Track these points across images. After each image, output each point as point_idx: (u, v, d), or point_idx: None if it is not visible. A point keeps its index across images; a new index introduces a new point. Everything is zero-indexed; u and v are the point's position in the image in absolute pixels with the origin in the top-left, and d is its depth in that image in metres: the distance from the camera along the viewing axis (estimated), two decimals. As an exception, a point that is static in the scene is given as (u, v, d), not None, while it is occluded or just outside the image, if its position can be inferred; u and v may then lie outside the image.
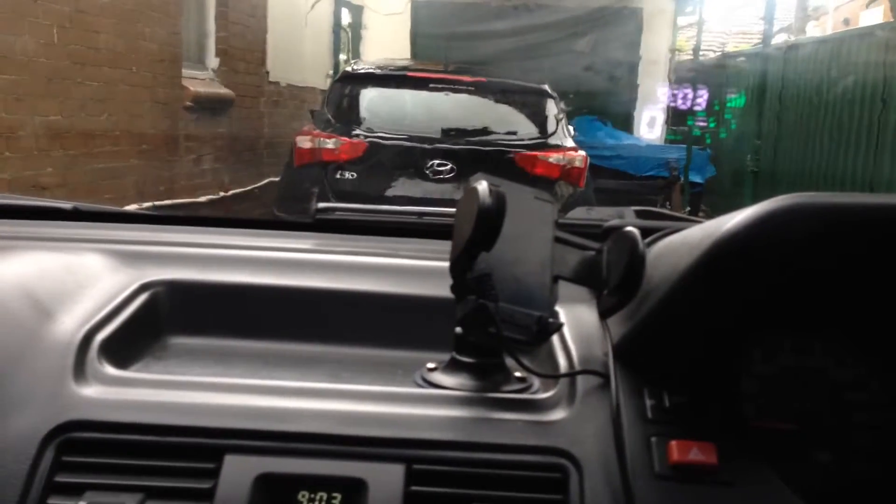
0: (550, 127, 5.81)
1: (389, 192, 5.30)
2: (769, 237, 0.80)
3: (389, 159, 5.38)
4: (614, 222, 1.16)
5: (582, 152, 5.74)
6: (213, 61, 7.29)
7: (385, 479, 0.83)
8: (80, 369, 0.90)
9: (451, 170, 5.29)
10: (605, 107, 9.37)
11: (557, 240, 0.98)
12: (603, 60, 9.44)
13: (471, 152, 5.38)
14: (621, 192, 7.42)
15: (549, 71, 7.12)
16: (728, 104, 9.32)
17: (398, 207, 1.54)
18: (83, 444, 0.83)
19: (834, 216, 0.80)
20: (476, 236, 0.86)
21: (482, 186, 0.87)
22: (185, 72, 6.56)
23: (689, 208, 8.31)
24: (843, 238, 0.82)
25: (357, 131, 5.52)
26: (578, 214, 1.41)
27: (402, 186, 5.35)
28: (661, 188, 8.21)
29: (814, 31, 15.32)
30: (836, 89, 7.74)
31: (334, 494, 0.82)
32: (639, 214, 1.34)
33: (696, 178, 8.80)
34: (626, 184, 7.92)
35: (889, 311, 0.94)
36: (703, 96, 8.90)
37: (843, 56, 7.83)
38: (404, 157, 5.38)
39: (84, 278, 1.08)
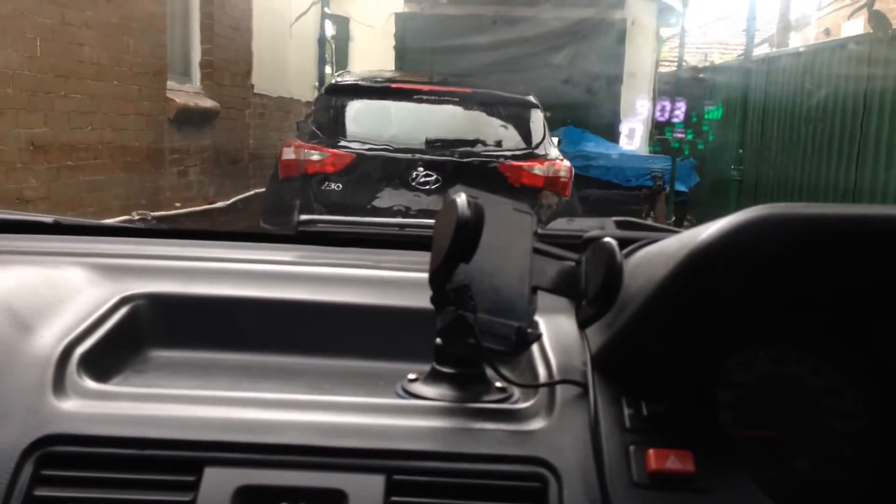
0: (536, 137, 5.84)
1: (375, 204, 5.31)
2: (743, 248, 0.81)
3: (375, 171, 5.39)
4: (593, 233, 1.17)
5: (567, 162, 5.77)
6: (198, 74, 7.28)
7: (365, 489, 0.83)
8: (59, 383, 0.90)
9: (437, 181, 5.30)
10: (588, 118, 9.42)
11: (536, 251, 0.99)
12: (586, 72, 9.50)
13: (456, 163, 5.39)
14: (606, 202, 7.46)
15: (531, 83, 7.16)
16: (706, 116, 9.41)
17: (380, 219, 1.54)
18: (62, 458, 0.83)
19: (807, 226, 0.81)
20: (455, 248, 0.87)
21: (461, 198, 0.88)
22: (170, 84, 6.54)
23: (674, 218, 8.35)
24: (817, 248, 0.83)
25: (343, 143, 5.53)
26: (559, 225, 1.42)
27: (388, 198, 5.35)
28: (646, 198, 8.26)
29: (795, 42, 15.45)
30: (817, 99, 7.82)
31: None
32: (619, 225, 1.34)
33: (681, 188, 8.85)
34: (611, 194, 7.96)
35: (863, 320, 0.95)
36: (681, 108, 8.98)
37: (822, 67, 7.91)
38: (390, 168, 5.39)
39: (64, 292, 1.08)
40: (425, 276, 0.93)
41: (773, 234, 0.80)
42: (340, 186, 5.36)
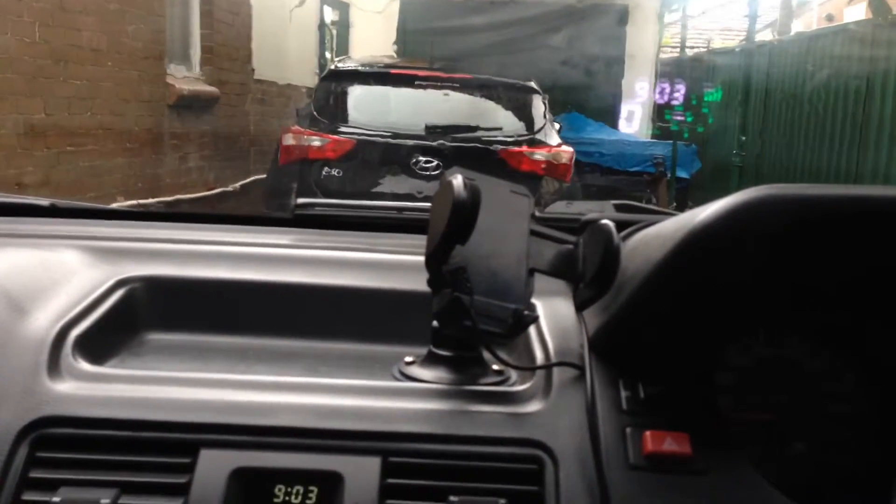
0: (537, 123, 5.82)
1: (376, 190, 5.30)
2: (741, 228, 0.80)
3: (376, 157, 5.38)
4: (591, 216, 1.16)
5: (568, 148, 5.76)
6: (198, 59, 7.26)
7: (361, 472, 0.83)
8: (54, 365, 0.90)
9: (438, 167, 5.29)
10: (590, 101, 9.38)
11: (533, 233, 0.99)
12: (588, 56, 9.45)
13: (457, 149, 5.38)
14: (608, 188, 7.44)
15: (530, 64, 7.14)
16: (705, 98, 9.38)
17: (377, 203, 1.54)
18: (57, 440, 0.83)
19: (806, 207, 0.81)
20: (451, 230, 0.87)
21: (457, 180, 0.88)
22: (170, 69, 6.53)
23: (675, 203, 8.33)
24: (815, 229, 0.82)
25: (343, 129, 5.51)
26: (557, 209, 1.42)
27: (389, 184, 5.35)
28: (647, 184, 8.23)
29: (798, 27, 15.39)
30: (819, 84, 7.80)
31: (311, 488, 0.82)
32: (617, 208, 1.34)
33: (683, 174, 8.82)
34: (612, 179, 7.94)
35: (862, 304, 0.95)
36: (680, 90, 8.95)
37: (825, 52, 7.89)
38: (390, 154, 5.38)
39: (60, 275, 1.07)
40: (423, 259, 0.92)
41: (772, 215, 0.80)
42: (341, 172, 5.35)
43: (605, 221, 0.93)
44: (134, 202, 5.70)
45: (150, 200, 5.99)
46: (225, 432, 0.84)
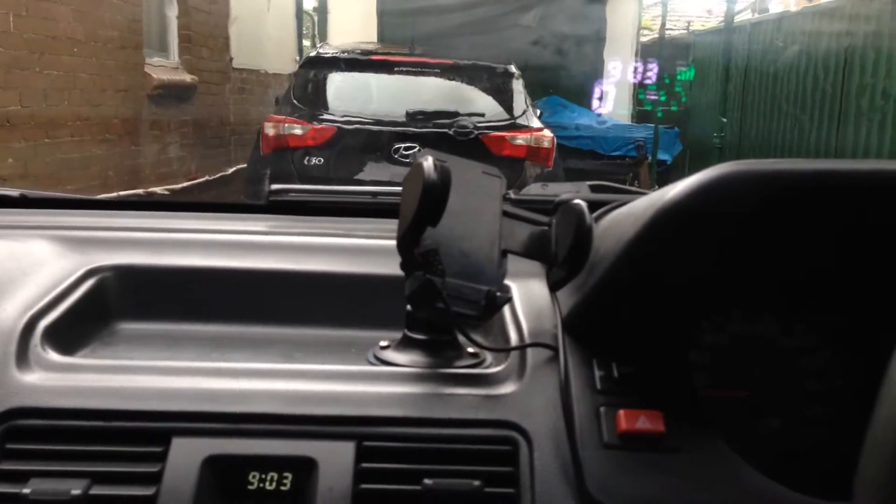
0: (517, 108, 5.81)
1: (357, 177, 5.29)
2: (710, 205, 0.80)
3: (357, 144, 5.36)
4: (565, 196, 1.16)
5: (549, 132, 5.76)
6: (175, 48, 7.20)
7: (335, 457, 0.82)
8: (22, 356, 0.88)
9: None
10: (571, 83, 9.37)
11: (506, 214, 0.98)
12: (567, 36, 9.43)
13: (438, 135, 5.37)
14: (590, 172, 7.45)
15: (508, 44, 7.12)
16: (678, 77, 9.40)
17: (352, 188, 1.53)
18: (27, 432, 0.82)
19: (776, 183, 0.80)
20: (421, 211, 0.86)
21: (427, 162, 0.87)
22: (148, 59, 6.47)
23: (656, 186, 8.35)
24: (786, 205, 0.82)
25: (324, 116, 5.49)
26: (533, 190, 1.41)
27: (370, 171, 5.34)
28: (629, 167, 8.26)
29: (777, 7, 15.41)
30: (798, 64, 7.83)
31: (285, 474, 0.82)
32: (593, 189, 1.34)
33: (665, 157, 8.85)
34: (594, 163, 7.96)
35: (834, 280, 0.95)
36: (653, 69, 8.96)
37: (805, 31, 7.91)
38: (371, 141, 5.36)
39: (28, 265, 1.06)
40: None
41: (741, 190, 0.79)
42: (322, 160, 5.33)
43: (577, 202, 0.93)
44: (114, 194, 5.65)
45: (130, 192, 5.94)
46: (197, 420, 0.84)
